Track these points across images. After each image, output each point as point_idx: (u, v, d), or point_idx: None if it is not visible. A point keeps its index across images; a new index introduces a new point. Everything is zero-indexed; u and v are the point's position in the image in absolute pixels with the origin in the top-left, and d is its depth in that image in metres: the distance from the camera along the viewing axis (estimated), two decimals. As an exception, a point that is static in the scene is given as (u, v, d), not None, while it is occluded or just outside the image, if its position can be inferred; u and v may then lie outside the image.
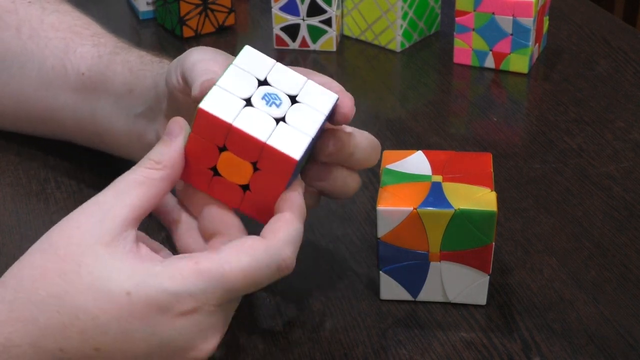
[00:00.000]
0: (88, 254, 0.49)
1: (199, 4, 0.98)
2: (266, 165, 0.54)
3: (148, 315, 0.49)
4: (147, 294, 0.49)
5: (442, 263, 0.61)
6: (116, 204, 0.51)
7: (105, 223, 0.50)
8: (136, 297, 0.49)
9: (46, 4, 0.77)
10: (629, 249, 0.68)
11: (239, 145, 0.53)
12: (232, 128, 0.53)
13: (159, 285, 0.49)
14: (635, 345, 0.59)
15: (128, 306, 0.49)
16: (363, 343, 0.60)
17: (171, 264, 0.50)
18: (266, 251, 0.52)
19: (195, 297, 0.50)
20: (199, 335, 0.51)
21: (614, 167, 0.77)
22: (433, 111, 0.87)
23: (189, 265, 0.50)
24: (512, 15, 0.89)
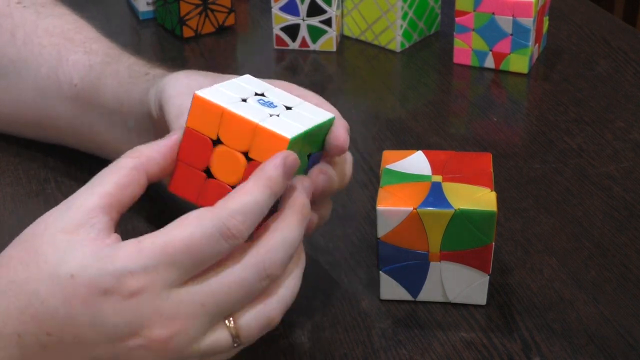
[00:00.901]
0: (49, 242, 0.49)
1: (199, 4, 0.98)
2: (259, 152, 0.53)
3: (91, 298, 0.48)
4: (89, 276, 0.48)
5: (442, 263, 0.61)
6: (84, 192, 0.51)
7: (70, 212, 0.50)
8: (79, 280, 0.48)
9: (41, 7, 0.77)
10: (629, 249, 0.68)
11: (232, 131, 0.53)
12: (226, 112, 0.52)
13: (101, 267, 0.48)
14: (635, 345, 0.59)
15: (72, 289, 0.48)
16: (363, 343, 0.60)
17: (116, 246, 0.49)
18: (211, 220, 0.49)
19: (137, 276, 0.48)
20: (141, 322, 0.48)
21: (614, 167, 0.77)
22: (433, 111, 0.87)
23: (131, 244, 0.48)
24: (512, 16, 0.89)
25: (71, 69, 0.72)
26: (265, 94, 0.56)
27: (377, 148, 0.80)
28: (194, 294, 0.49)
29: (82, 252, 0.49)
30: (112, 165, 0.52)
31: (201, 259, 0.49)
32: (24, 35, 0.75)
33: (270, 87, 0.57)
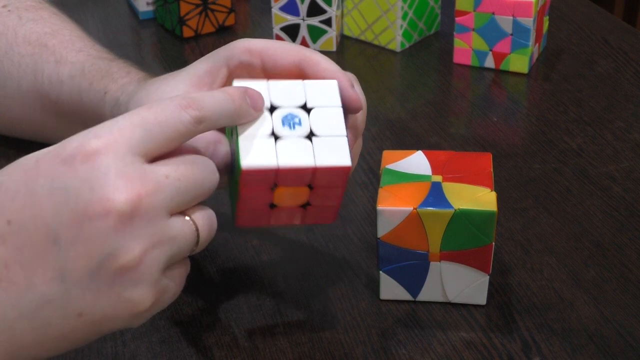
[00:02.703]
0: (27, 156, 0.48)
1: (199, 4, 0.98)
2: (321, 182, 0.54)
3: (52, 170, 0.46)
4: (54, 153, 0.47)
5: (442, 263, 0.61)
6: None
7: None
8: (43, 159, 0.46)
9: (24, 12, 0.76)
10: (629, 249, 0.68)
11: (291, 179, 0.54)
12: (280, 170, 0.53)
13: (67, 140, 0.47)
14: (635, 345, 0.59)
15: (35, 169, 0.46)
16: (363, 343, 0.60)
17: None
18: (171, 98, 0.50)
19: (100, 137, 0.46)
20: (105, 182, 0.45)
21: (614, 167, 0.77)
22: (433, 111, 0.87)
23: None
24: (512, 15, 0.89)
25: (47, 86, 0.72)
26: (273, 102, 0.55)
27: (377, 148, 0.80)
28: (157, 167, 0.48)
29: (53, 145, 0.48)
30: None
31: (166, 123, 0.48)
32: (5, 45, 0.74)
33: (266, 86, 0.56)
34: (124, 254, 0.46)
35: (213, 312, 0.63)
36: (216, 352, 0.60)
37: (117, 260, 0.46)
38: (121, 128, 0.47)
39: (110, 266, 0.46)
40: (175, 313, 0.63)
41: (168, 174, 0.48)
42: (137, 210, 0.46)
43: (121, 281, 0.46)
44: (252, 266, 0.67)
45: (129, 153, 0.47)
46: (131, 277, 0.46)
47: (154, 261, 0.47)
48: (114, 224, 0.45)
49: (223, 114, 0.51)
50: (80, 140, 0.46)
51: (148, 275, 0.47)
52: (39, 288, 0.46)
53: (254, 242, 0.69)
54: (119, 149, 0.46)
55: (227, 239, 0.69)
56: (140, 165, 0.47)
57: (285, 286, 0.65)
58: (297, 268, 0.67)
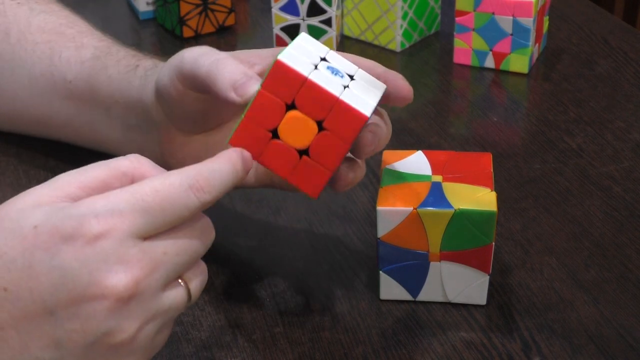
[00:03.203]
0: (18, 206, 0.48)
1: (199, 4, 0.98)
2: (333, 123, 0.53)
3: (52, 245, 0.46)
4: (52, 224, 0.46)
5: (442, 263, 0.61)
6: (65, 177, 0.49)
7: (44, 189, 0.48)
8: (42, 229, 0.46)
9: (35, 4, 0.77)
10: (629, 249, 0.68)
11: (310, 100, 0.53)
12: (308, 81, 0.53)
13: (66, 213, 0.46)
14: (635, 345, 0.59)
15: (33, 239, 0.46)
16: (363, 343, 0.60)
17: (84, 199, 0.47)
18: (179, 173, 0.49)
19: (101, 219, 0.46)
20: (104, 267, 0.46)
21: (614, 167, 0.77)
22: (433, 111, 0.87)
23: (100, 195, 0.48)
24: (512, 15, 0.89)
25: (64, 67, 0.72)
26: (327, 58, 0.56)
27: (377, 148, 0.80)
28: (155, 243, 0.48)
29: (49, 206, 0.47)
30: (107, 162, 0.51)
31: (171, 210, 0.48)
32: (17, 33, 0.75)
33: (326, 49, 0.57)
34: (119, 333, 0.47)
35: (213, 312, 0.63)
36: (216, 352, 0.60)
37: (113, 338, 0.47)
38: (123, 213, 0.46)
39: (105, 342, 0.47)
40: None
41: (166, 251, 0.48)
42: (134, 293, 0.47)
43: (115, 353, 0.48)
44: (252, 266, 0.67)
45: (129, 238, 0.47)
46: (125, 349, 0.48)
47: (148, 334, 0.48)
48: (110, 307, 0.46)
49: (226, 190, 0.51)
50: (80, 219, 0.46)
51: (141, 347, 0.48)
52: (34, 352, 0.47)
53: (254, 242, 0.69)
54: (119, 235, 0.46)
55: (227, 238, 0.69)
56: (139, 246, 0.47)
57: (285, 286, 0.65)
58: (297, 268, 0.67)
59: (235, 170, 0.51)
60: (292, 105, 0.54)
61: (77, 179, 0.49)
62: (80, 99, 0.71)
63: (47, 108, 0.74)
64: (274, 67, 0.53)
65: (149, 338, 0.48)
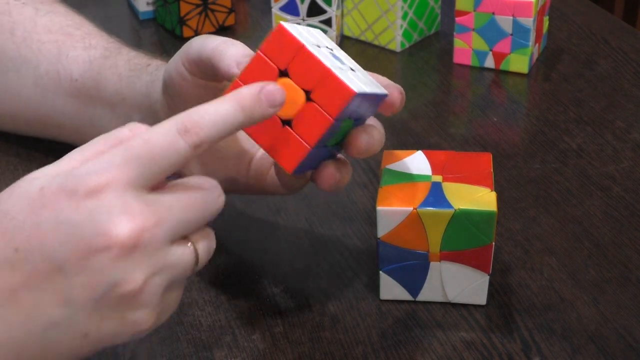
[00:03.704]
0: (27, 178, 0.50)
1: (199, 4, 0.98)
2: (321, 95, 0.53)
3: (56, 203, 0.47)
4: (57, 184, 0.48)
5: (442, 263, 0.61)
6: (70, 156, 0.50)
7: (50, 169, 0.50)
8: (48, 190, 0.48)
9: (40, 4, 0.77)
10: (629, 249, 0.68)
11: (303, 69, 0.54)
12: (304, 50, 0.53)
13: (69, 173, 0.48)
14: (635, 345, 0.59)
15: (39, 199, 0.48)
16: (363, 343, 0.60)
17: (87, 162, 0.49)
18: (169, 119, 0.49)
19: (99, 174, 0.47)
20: (106, 218, 0.47)
21: (614, 167, 0.77)
22: (433, 111, 0.87)
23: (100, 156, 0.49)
24: (512, 15, 0.89)
25: (71, 65, 0.73)
26: (334, 51, 0.57)
27: (377, 148, 0.80)
28: (160, 198, 0.49)
29: (54, 169, 0.49)
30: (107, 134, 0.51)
31: (160, 155, 0.48)
32: (23, 33, 0.75)
33: (337, 47, 0.58)
34: (126, 284, 0.48)
35: (213, 312, 0.63)
36: (216, 352, 0.60)
37: (120, 288, 0.48)
38: (117, 166, 0.48)
39: (113, 294, 0.48)
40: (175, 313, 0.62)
41: (171, 206, 0.49)
42: (139, 243, 0.47)
43: (125, 306, 0.48)
44: (252, 266, 0.67)
45: (129, 188, 0.48)
46: (134, 302, 0.48)
47: (155, 287, 0.49)
48: (116, 257, 0.47)
49: (227, 129, 0.51)
50: (81, 176, 0.48)
51: (149, 300, 0.49)
52: (46, 311, 0.48)
53: (254, 242, 0.69)
54: (119, 187, 0.47)
55: (227, 238, 0.69)
56: (142, 197, 0.48)
57: (285, 286, 0.65)
58: (297, 268, 0.67)
59: (240, 107, 0.51)
60: (284, 74, 0.54)
61: (80, 154, 0.50)
62: (85, 96, 0.72)
63: (50, 106, 0.74)
64: (275, 31, 0.54)
65: (158, 292, 0.49)
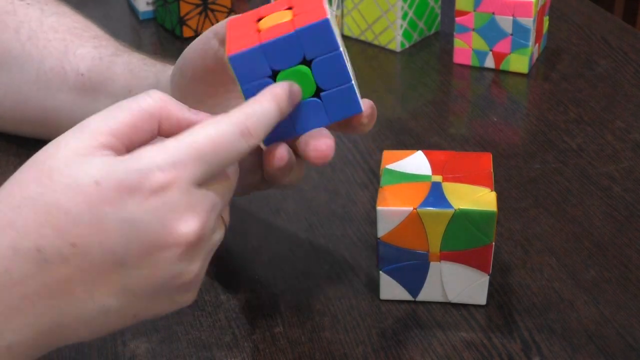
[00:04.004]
0: (63, 159, 0.48)
1: (199, 4, 0.98)
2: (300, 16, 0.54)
3: (119, 199, 0.47)
4: (116, 179, 0.47)
5: (442, 263, 0.61)
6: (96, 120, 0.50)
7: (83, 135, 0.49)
8: (105, 184, 0.47)
9: (45, 5, 0.78)
10: (629, 249, 0.68)
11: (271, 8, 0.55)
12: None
13: (128, 167, 0.47)
14: (635, 345, 0.59)
15: (98, 194, 0.47)
16: (363, 343, 0.60)
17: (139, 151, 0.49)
18: (230, 119, 0.50)
19: (165, 171, 0.47)
20: (173, 216, 0.48)
21: (614, 167, 0.77)
22: (433, 111, 0.87)
23: (155, 145, 0.49)
24: (512, 15, 0.89)
25: (78, 61, 0.73)
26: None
27: (377, 148, 0.80)
28: (213, 188, 0.50)
29: (103, 161, 0.48)
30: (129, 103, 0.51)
31: (225, 156, 0.50)
32: (28, 31, 0.76)
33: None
34: (186, 275, 0.49)
35: (213, 312, 0.63)
36: (216, 352, 0.60)
37: (180, 279, 0.49)
38: (184, 164, 0.48)
39: (172, 285, 0.49)
40: (175, 313, 0.63)
41: (222, 193, 0.51)
42: (202, 237, 0.49)
43: (179, 292, 0.50)
44: (252, 266, 0.67)
45: (192, 186, 0.49)
46: (188, 287, 0.50)
47: (203, 271, 0.51)
48: (182, 253, 0.48)
49: (271, 129, 0.53)
50: (144, 172, 0.47)
51: (198, 283, 0.51)
52: (100, 300, 0.48)
53: (253, 242, 0.69)
54: (182, 185, 0.48)
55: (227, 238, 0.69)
56: (201, 192, 0.49)
57: (285, 286, 0.65)
58: (297, 268, 0.67)
59: (279, 107, 0.53)
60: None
61: (106, 125, 0.50)
62: (90, 90, 0.72)
63: (52, 101, 0.74)
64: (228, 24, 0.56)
65: (203, 274, 0.51)
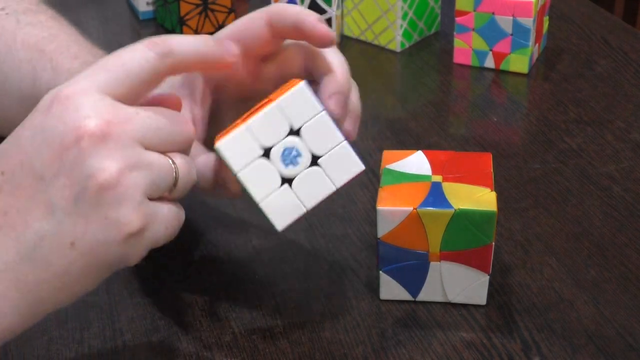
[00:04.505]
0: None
1: (199, 4, 0.98)
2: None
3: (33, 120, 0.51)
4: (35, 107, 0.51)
5: (442, 263, 0.61)
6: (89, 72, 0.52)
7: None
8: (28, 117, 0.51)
9: (22, 15, 0.76)
10: (629, 249, 0.68)
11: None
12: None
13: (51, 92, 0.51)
14: (635, 345, 0.59)
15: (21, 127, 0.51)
16: (363, 343, 0.60)
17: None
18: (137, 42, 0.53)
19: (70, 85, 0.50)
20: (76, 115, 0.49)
21: (614, 167, 0.77)
22: (433, 111, 0.87)
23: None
24: (512, 15, 0.89)
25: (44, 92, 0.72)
26: (302, 131, 0.55)
27: (377, 148, 0.80)
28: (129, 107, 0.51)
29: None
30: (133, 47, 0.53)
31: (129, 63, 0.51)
32: (5, 47, 0.74)
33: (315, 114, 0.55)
34: (101, 173, 0.49)
35: (213, 312, 0.63)
36: (216, 352, 0.60)
37: (96, 179, 0.49)
38: (87, 74, 0.51)
39: (91, 187, 0.49)
40: (175, 313, 0.63)
41: (138, 111, 0.51)
42: (108, 133, 0.49)
43: (104, 202, 0.49)
44: (252, 266, 0.67)
45: (97, 92, 0.50)
46: (113, 196, 0.49)
47: (133, 181, 0.50)
48: (87, 148, 0.49)
49: (192, 52, 0.54)
50: (55, 90, 0.51)
51: (129, 195, 0.50)
52: (33, 226, 0.49)
53: (254, 242, 0.69)
54: (87, 91, 0.50)
55: (227, 239, 0.69)
56: (110, 100, 0.51)
57: (285, 286, 0.65)
58: (297, 268, 0.67)
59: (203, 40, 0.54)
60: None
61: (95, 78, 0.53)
62: None
63: None
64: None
65: (137, 189, 0.50)
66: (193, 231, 0.70)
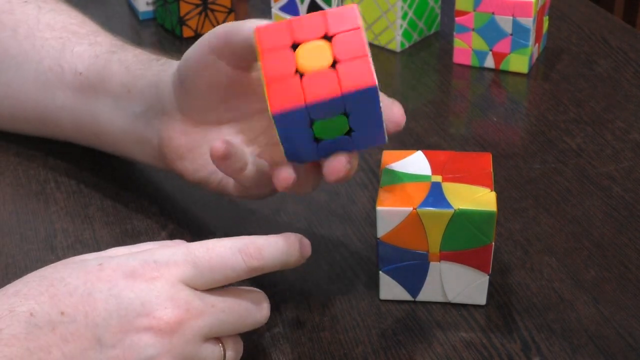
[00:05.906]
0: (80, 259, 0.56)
1: (199, 4, 0.98)
2: (346, 70, 0.54)
3: (113, 279, 0.52)
4: (116, 262, 0.53)
5: (441, 263, 0.61)
6: None
7: None
8: (106, 266, 0.53)
9: (42, 3, 0.78)
10: (629, 249, 0.68)
11: (306, 27, 0.55)
12: (292, 20, 0.55)
13: (128, 256, 0.53)
14: (635, 345, 0.59)
15: (97, 272, 0.52)
16: (363, 343, 0.60)
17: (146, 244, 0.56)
18: (233, 238, 0.55)
19: (159, 264, 0.52)
20: (156, 301, 0.51)
21: (614, 167, 0.77)
22: (433, 111, 0.87)
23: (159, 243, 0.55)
24: (512, 15, 0.89)
25: (76, 59, 0.73)
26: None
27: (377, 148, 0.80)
28: (208, 295, 0.53)
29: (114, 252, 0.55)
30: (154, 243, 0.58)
31: (217, 267, 0.53)
32: (26, 30, 0.75)
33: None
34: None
35: (213, 312, 0.63)
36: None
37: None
38: (177, 262, 0.53)
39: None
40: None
41: (214, 304, 0.54)
42: (176, 330, 0.51)
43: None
44: (252, 266, 0.67)
45: (180, 282, 0.53)
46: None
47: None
48: (152, 338, 0.51)
49: (277, 264, 0.56)
50: (142, 262, 0.53)
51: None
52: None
53: (253, 242, 0.69)
54: (171, 279, 0.52)
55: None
56: (190, 291, 0.53)
57: (285, 286, 0.65)
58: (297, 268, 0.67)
59: (287, 249, 0.56)
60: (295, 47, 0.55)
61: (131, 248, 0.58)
62: (88, 89, 0.72)
63: (51, 101, 0.74)
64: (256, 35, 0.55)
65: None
66: (193, 231, 0.70)
